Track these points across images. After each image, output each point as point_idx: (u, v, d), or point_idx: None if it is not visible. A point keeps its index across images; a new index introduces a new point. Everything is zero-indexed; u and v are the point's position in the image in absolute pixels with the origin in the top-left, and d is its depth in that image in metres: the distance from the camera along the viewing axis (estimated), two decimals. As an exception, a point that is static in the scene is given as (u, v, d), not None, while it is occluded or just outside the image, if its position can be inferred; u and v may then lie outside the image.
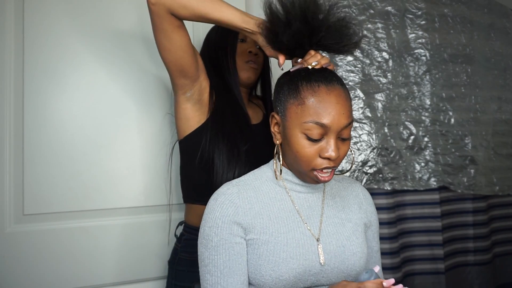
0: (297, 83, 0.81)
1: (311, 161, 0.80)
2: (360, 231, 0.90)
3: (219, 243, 0.81)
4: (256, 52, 1.18)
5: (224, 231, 0.81)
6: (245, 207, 0.83)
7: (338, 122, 0.78)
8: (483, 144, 1.75)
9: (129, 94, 1.27)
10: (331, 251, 0.84)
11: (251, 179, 0.89)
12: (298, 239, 0.82)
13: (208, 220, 0.83)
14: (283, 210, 0.85)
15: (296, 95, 0.80)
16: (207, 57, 1.19)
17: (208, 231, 0.82)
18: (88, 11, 1.24)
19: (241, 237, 0.82)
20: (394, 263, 1.54)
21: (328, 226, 0.87)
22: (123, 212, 1.25)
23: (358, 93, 1.58)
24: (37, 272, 1.14)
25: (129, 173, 1.26)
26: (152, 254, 1.27)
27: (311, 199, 0.89)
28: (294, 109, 0.80)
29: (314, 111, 0.78)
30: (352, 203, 0.94)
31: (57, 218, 1.18)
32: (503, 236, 1.84)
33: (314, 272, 0.81)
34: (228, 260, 0.80)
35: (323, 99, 0.78)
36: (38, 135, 1.17)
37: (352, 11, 1.60)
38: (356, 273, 0.85)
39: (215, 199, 0.84)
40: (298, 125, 0.80)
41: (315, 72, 0.82)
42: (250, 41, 1.18)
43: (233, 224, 0.81)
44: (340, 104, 0.79)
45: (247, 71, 1.17)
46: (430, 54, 1.67)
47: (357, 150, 1.57)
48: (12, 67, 1.15)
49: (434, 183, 1.63)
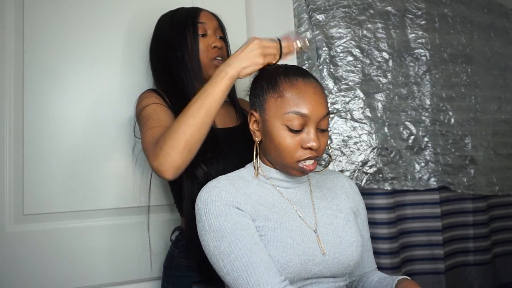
0: (275, 78, 0.84)
1: (294, 153, 0.82)
2: (352, 220, 0.91)
3: (234, 227, 0.78)
4: (222, 45, 1.11)
5: (233, 216, 0.79)
6: (243, 196, 0.83)
7: (317, 112, 0.81)
8: (483, 144, 1.75)
9: (129, 94, 1.26)
10: (329, 242, 0.84)
11: (239, 175, 0.89)
12: (298, 227, 0.83)
13: (211, 212, 0.80)
14: (277, 202, 0.86)
15: (275, 89, 0.83)
16: (160, 55, 1.11)
17: (216, 222, 0.79)
18: (88, 11, 1.24)
19: (252, 219, 0.81)
20: (394, 263, 1.54)
21: (322, 217, 0.88)
22: (123, 212, 1.25)
23: (358, 93, 1.58)
24: (37, 272, 1.14)
25: (129, 174, 1.26)
26: (153, 254, 1.27)
27: (300, 193, 0.90)
28: (274, 102, 0.83)
29: (293, 102, 0.81)
30: (339, 194, 0.95)
31: (57, 218, 1.18)
32: (503, 236, 1.84)
33: (317, 261, 0.82)
34: (252, 238, 0.78)
35: (302, 91, 0.81)
36: (38, 135, 1.17)
37: (352, 11, 1.60)
38: (355, 263, 0.87)
39: (209, 192, 0.82)
40: (278, 117, 0.82)
41: (292, 69, 0.86)
42: (212, 34, 1.10)
43: (238, 209, 0.81)
44: (317, 95, 0.82)
45: (214, 69, 1.05)
46: (430, 54, 1.67)
47: (357, 150, 1.56)
48: (12, 67, 1.15)
49: (434, 183, 1.63)
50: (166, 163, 0.86)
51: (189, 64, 1.07)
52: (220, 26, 1.15)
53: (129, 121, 1.25)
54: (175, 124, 0.88)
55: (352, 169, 1.55)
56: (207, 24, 1.11)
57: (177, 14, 1.12)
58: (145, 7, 1.29)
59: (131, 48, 1.28)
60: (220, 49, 1.11)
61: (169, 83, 1.10)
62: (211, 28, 1.11)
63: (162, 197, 1.30)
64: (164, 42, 1.11)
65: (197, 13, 1.11)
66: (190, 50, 1.07)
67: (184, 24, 1.09)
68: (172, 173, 0.87)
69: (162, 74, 1.14)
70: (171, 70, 1.09)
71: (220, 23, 1.16)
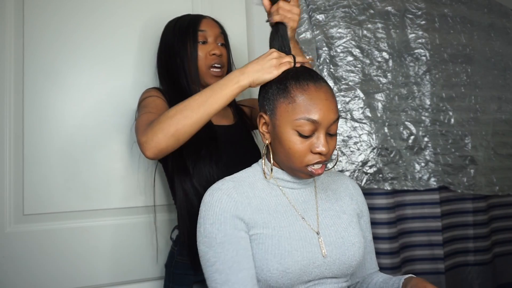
0: (286, 83, 0.83)
1: (303, 157, 0.82)
2: (355, 221, 0.92)
3: (224, 239, 0.79)
4: (221, 53, 1.13)
5: (227, 226, 0.80)
6: (244, 202, 0.83)
7: (328, 118, 0.81)
8: (483, 144, 1.75)
9: (129, 94, 1.27)
10: (332, 243, 0.85)
11: (245, 176, 0.89)
12: (299, 232, 0.83)
13: (208, 217, 0.81)
14: (280, 205, 0.86)
15: (286, 94, 0.82)
16: (164, 60, 1.15)
17: (210, 228, 0.81)
18: (88, 11, 1.24)
19: (245, 232, 0.82)
20: (394, 263, 1.54)
21: (325, 218, 0.88)
22: (123, 212, 1.25)
23: (358, 93, 1.58)
24: (37, 272, 1.14)
25: (128, 173, 1.26)
26: (154, 254, 1.27)
27: (305, 194, 0.90)
28: (285, 108, 0.82)
29: (305, 108, 0.80)
30: (343, 195, 0.96)
31: (57, 218, 1.18)
32: (503, 236, 1.84)
33: (318, 264, 0.82)
34: (236, 255, 0.79)
35: (313, 97, 0.81)
36: (38, 135, 1.17)
37: (352, 11, 1.60)
38: (357, 263, 0.87)
39: (211, 195, 0.83)
40: (289, 122, 0.81)
41: (302, 72, 0.85)
42: (212, 41, 1.13)
43: (235, 218, 0.81)
44: (328, 101, 0.82)
45: (212, 77, 1.12)
46: (430, 54, 1.67)
47: (357, 150, 1.56)
48: (12, 67, 1.16)
49: (434, 183, 1.63)
50: (151, 142, 0.88)
51: (187, 70, 1.10)
52: (222, 34, 1.17)
53: (129, 121, 1.26)
54: (172, 110, 0.89)
55: (352, 169, 1.55)
56: (207, 32, 1.13)
57: (180, 21, 1.15)
58: (146, 9, 1.30)
59: (131, 49, 1.29)
60: (219, 56, 1.13)
61: (170, 87, 1.13)
62: (212, 36, 1.13)
63: (162, 197, 1.30)
64: (167, 48, 1.14)
65: (198, 21, 1.14)
66: (189, 57, 1.09)
67: (185, 32, 1.11)
68: (153, 153, 0.89)
69: (164, 78, 1.16)
70: (172, 75, 1.13)
71: (222, 30, 1.18)
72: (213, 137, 1.06)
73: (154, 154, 0.90)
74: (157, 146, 0.88)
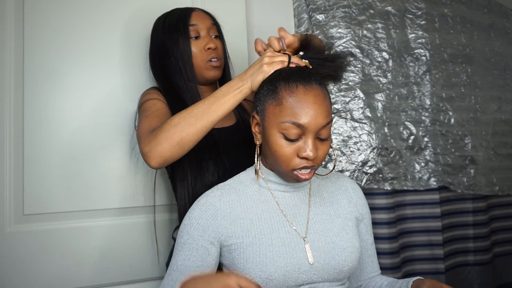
0: (275, 84, 0.81)
1: (289, 161, 0.80)
2: (350, 225, 0.90)
3: (186, 241, 0.83)
4: (216, 45, 1.09)
5: (195, 232, 0.83)
6: (225, 211, 0.84)
7: (316, 122, 0.78)
8: (483, 144, 1.75)
9: (128, 94, 1.26)
10: (320, 249, 0.83)
11: (236, 182, 0.90)
12: (283, 238, 0.82)
13: (186, 218, 0.86)
14: (267, 211, 0.86)
15: (274, 96, 0.80)
16: (157, 58, 1.12)
17: (182, 227, 0.85)
18: (88, 11, 1.24)
19: (211, 243, 0.83)
20: (394, 263, 1.54)
21: (316, 223, 0.87)
22: (123, 212, 1.25)
23: (358, 93, 1.58)
24: (37, 272, 1.14)
25: (128, 173, 1.26)
26: (154, 254, 1.27)
27: (297, 198, 0.89)
28: (272, 109, 0.80)
29: (291, 111, 0.78)
30: (340, 198, 0.94)
31: (57, 218, 1.18)
32: (503, 236, 1.84)
33: (304, 270, 0.81)
34: (187, 260, 0.82)
35: (301, 99, 0.78)
36: (38, 135, 1.17)
37: (352, 11, 1.60)
38: (349, 268, 0.85)
39: (198, 200, 0.87)
40: (275, 125, 0.80)
41: (295, 72, 0.81)
42: (205, 35, 1.09)
43: (208, 228, 0.83)
44: (317, 104, 0.78)
45: (211, 70, 1.09)
46: (430, 54, 1.67)
47: (357, 150, 1.56)
48: (12, 67, 1.15)
49: (434, 183, 1.63)
50: (155, 151, 0.87)
51: (182, 69, 1.07)
52: (214, 25, 1.13)
53: (129, 121, 1.25)
54: (175, 118, 0.88)
55: (352, 169, 1.55)
56: (199, 25, 1.09)
57: (169, 17, 1.11)
58: (144, 7, 1.29)
59: (131, 48, 1.28)
60: (215, 49, 1.09)
61: (166, 85, 1.11)
62: (204, 29, 1.10)
63: (162, 197, 1.30)
64: (159, 47, 1.11)
65: (188, 14, 1.10)
66: (183, 55, 1.07)
67: (176, 28, 1.08)
68: (157, 162, 0.89)
69: (159, 76, 1.15)
70: (166, 74, 1.11)
71: (214, 21, 1.14)
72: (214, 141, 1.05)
73: (158, 164, 0.89)
74: (162, 156, 0.87)
